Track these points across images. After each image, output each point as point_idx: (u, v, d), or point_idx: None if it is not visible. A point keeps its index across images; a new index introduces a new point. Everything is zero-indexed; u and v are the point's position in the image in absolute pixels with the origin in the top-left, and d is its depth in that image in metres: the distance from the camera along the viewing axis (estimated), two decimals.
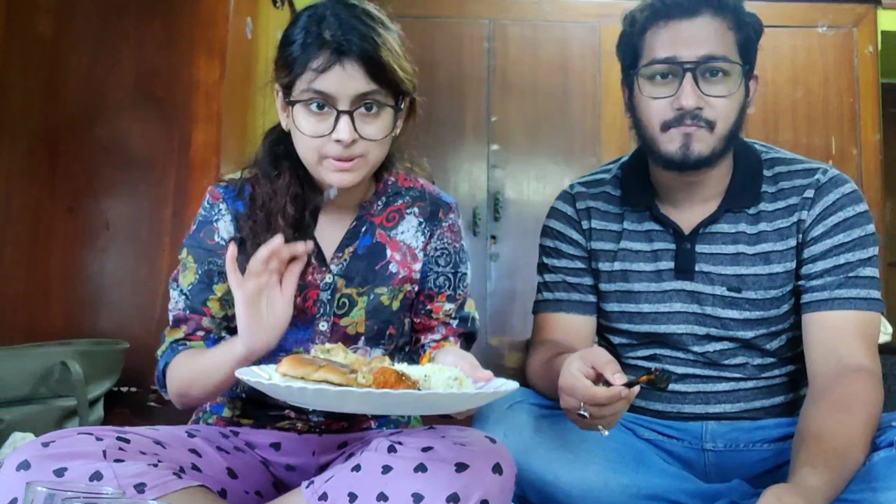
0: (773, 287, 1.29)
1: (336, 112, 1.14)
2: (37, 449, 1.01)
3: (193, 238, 1.27)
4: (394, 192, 1.32)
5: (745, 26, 1.27)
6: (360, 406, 0.94)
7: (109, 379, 2.05)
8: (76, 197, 2.18)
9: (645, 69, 1.27)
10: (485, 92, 3.44)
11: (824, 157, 3.38)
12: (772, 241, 1.30)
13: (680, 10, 1.25)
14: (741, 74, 1.26)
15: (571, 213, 1.44)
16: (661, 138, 1.27)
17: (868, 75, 3.43)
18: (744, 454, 1.30)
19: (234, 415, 1.30)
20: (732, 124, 1.27)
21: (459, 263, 1.33)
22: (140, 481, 1.01)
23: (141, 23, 2.22)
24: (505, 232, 3.35)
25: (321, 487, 1.05)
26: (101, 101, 2.20)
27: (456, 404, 0.97)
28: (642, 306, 1.34)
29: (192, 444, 1.16)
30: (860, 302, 1.23)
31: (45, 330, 2.10)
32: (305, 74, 1.14)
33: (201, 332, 1.25)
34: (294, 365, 0.92)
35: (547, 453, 1.21)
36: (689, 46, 1.24)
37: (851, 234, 1.26)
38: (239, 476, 1.18)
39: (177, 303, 1.26)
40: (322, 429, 1.27)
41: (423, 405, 0.95)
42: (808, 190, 1.29)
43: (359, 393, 0.87)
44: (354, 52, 1.13)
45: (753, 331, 1.30)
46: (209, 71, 2.20)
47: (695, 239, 1.33)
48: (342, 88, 1.14)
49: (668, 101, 1.25)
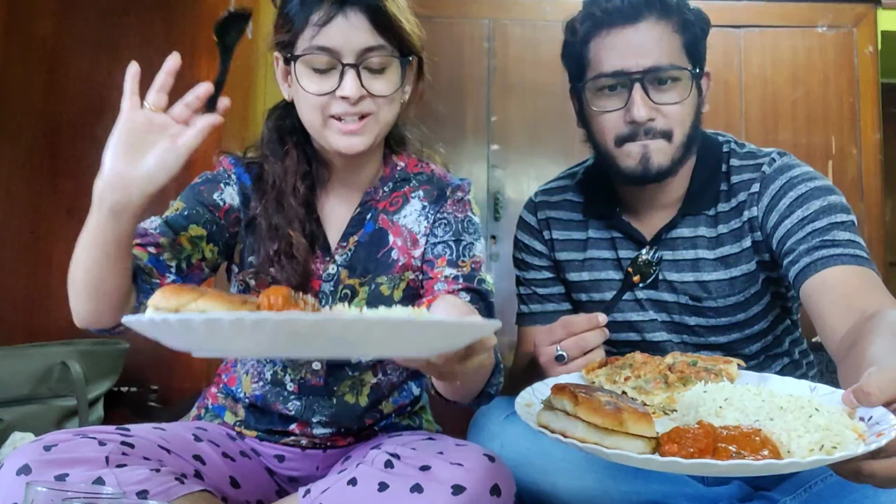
0: (734, 293, 1.25)
1: (341, 67, 1.09)
2: (38, 453, 0.98)
3: (193, 188, 1.23)
4: (402, 177, 1.26)
5: (691, 26, 1.22)
6: (240, 341, 0.66)
7: (109, 379, 2.05)
8: (76, 197, 2.17)
9: (592, 82, 1.23)
10: (485, 92, 3.44)
11: (824, 157, 3.38)
12: (728, 245, 1.26)
13: (621, 17, 1.20)
14: (691, 78, 1.22)
15: (534, 224, 1.42)
16: (617, 153, 1.23)
17: (868, 75, 3.42)
18: None
19: (237, 422, 1.26)
20: (689, 129, 1.22)
21: (462, 232, 1.22)
22: (142, 488, 0.99)
23: (141, 23, 2.23)
24: (505, 232, 3.34)
25: (317, 499, 1.03)
26: (102, 101, 2.20)
27: (384, 337, 0.67)
28: (615, 315, 1.30)
29: (198, 450, 1.13)
30: (847, 258, 1.10)
31: (45, 330, 2.10)
32: (306, 30, 1.10)
33: (153, 249, 1.12)
34: (168, 295, 0.71)
35: (545, 463, 1.19)
36: (635, 56, 1.18)
37: (810, 206, 1.18)
38: (242, 485, 1.16)
39: (151, 222, 1.16)
40: (328, 445, 1.24)
41: (338, 338, 0.65)
42: (755, 184, 1.24)
43: (229, 318, 0.62)
44: (361, 4, 1.08)
45: (726, 336, 1.27)
46: (209, 71, 2.20)
47: (657, 245, 1.28)
48: (346, 41, 1.09)
49: (620, 114, 1.20)
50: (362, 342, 0.67)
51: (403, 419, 1.30)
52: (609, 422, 0.73)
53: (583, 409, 0.75)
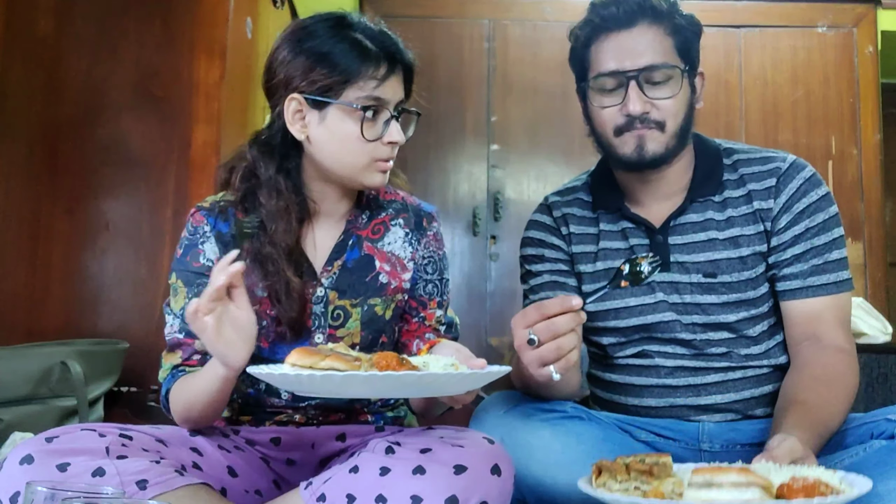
0: (745, 269, 1.33)
1: (390, 116, 1.22)
2: (40, 444, 1.02)
3: (181, 262, 1.28)
4: (376, 205, 1.36)
5: (682, 29, 1.34)
6: (365, 389, 0.97)
7: (109, 379, 2.05)
8: (76, 197, 2.17)
9: (594, 81, 1.34)
10: (485, 92, 3.44)
11: (824, 157, 3.38)
12: (740, 226, 1.35)
13: (617, 23, 1.32)
14: (682, 75, 1.32)
15: (550, 222, 1.48)
16: (616, 142, 1.34)
17: (868, 75, 3.43)
18: (740, 455, 1.30)
19: (233, 415, 1.32)
20: (682, 121, 1.33)
21: (443, 270, 1.38)
22: (142, 478, 1.02)
23: (141, 23, 2.22)
24: (505, 232, 3.35)
25: (319, 488, 1.05)
26: (101, 101, 2.20)
27: (454, 384, 0.99)
28: (628, 300, 1.37)
29: (194, 443, 1.18)
30: (832, 287, 1.31)
31: (45, 330, 2.10)
32: (363, 81, 1.19)
33: (197, 357, 1.24)
34: (302, 355, 0.97)
35: (545, 457, 1.21)
36: (631, 57, 1.30)
37: (815, 218, 1.32)
38: (239, 474, 1.19)
39: (171, 326, 1.26)
40: (319, 420, 1.29)
41: (423, 385, 0.97)
42: (770, 178, 1.35)
43: (363, 376, 0.92)
44: (403, 64, 1.24)
45: (734, 314, 1.33)
46: (209, 71, 2.20)
47: (666, 231, 1.37)
48: (394, 96, 1.22)
49: (618, 109, 1.32)
50: (433, 388, 0.99)
51: (388, 410, 1.35)
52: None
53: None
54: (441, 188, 3.39)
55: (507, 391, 1.36)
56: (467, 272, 3.33)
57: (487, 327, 3.29)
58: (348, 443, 1.27)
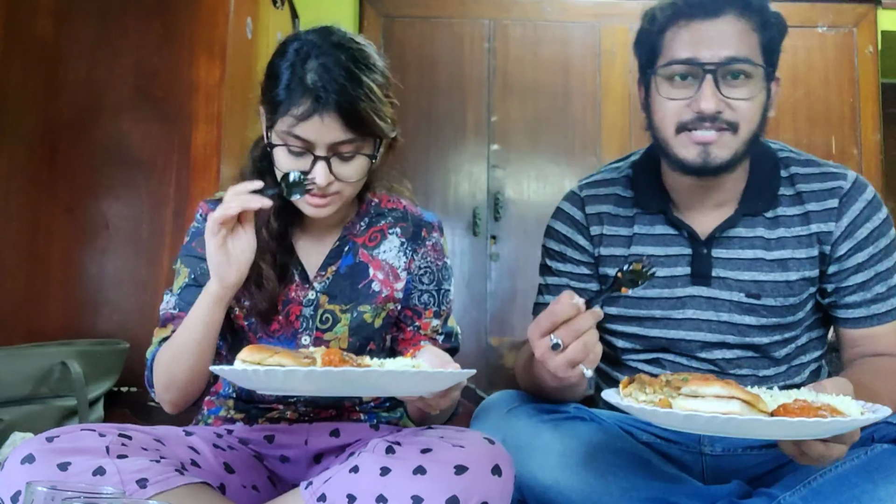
0: (792, 294, 1.27)
1: (313, 156, 1.17)
2: (41, 443, 1.02)
3: (186, 248, 1.33)
4: (377, 212, 1.36)
5: (770, 27, 1.23)
6: (308, 385, 0.95)
7: (109, 379, 2.05)
8: (76, 197, 2.17)
9: (663, 69, 1.22)
10: (485, 92, 3.44)
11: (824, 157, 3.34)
12: (791, 248, 1.27)
13: (703, 11, 1.20)
14: (763, 77, 1.22)
15: (580, 218, 1.39)
16: (674, 141, 1.23)
17: (868, 75, 3.43)
18: (741, 458, 1.30)
19: (228, 414, 1.33)
20: (756, 127, 1.23)
21: (443, 280, 1.36)
22: (142, 477, 1.02)
23: (140, 23, 2.22)
24: (505, 232, 3.35)
25: (320, 488, 1.05)
26: (101, 101, 2.20)
27: (400, 383, 0.96)
28: (654, 311, 1.31)
29: (190, 442, 1.19)
30: (895, 312, 1.27)
31: (45, 330, 2.10)
32: (287, 118, 1.16)
33: None
34: (252, 352, 0.98)
35: (546, 458, 1.20)
36: (711, 47, 1.19)
37: (879, 244, 1.26)
38: (235, 470, 1.20)
39: (167, 303, 1.30)
40: (311, 416, 1.30)
41: (370, 384, 0.95)
42: (832, 199, 1.27)
43: (303, 371, 0.90)
44: (332, 105, 1.14)
45: (769, 337, 1.28)
46: (209, 71, 2.20)
47: (712, 244, 1.29)
48: (320, 137, 1.16)
49: (686, 103, 1.21)
50: (380, 387, 0.97)
51: (383, 411, 1.35)
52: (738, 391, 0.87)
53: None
54: (441, 188, 3.39)
55: (509, 391, 1.35)
56: (467, 272, 3.33)
57: (487, 327, 3.29)
58: (344, 440, 1.27)
